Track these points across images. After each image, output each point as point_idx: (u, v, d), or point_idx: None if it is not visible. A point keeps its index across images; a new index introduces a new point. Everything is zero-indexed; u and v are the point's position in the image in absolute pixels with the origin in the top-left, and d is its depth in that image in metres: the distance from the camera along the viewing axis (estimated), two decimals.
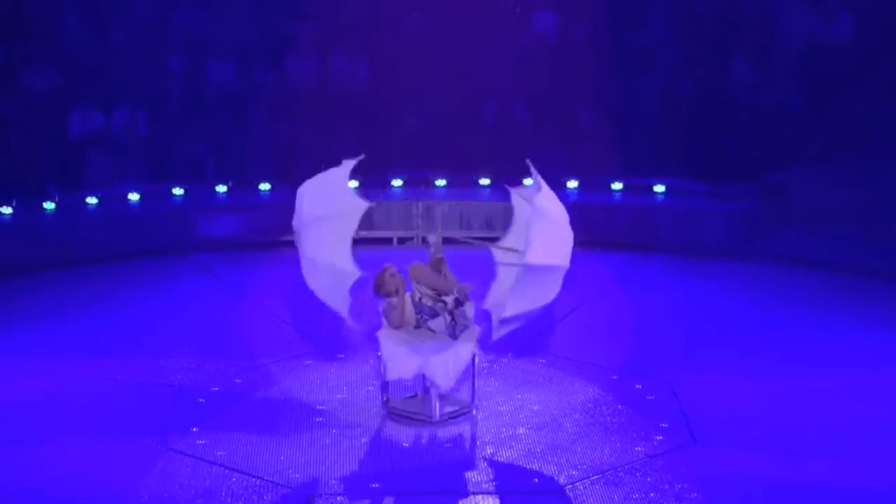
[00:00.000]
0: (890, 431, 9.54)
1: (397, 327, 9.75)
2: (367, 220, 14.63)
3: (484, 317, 10.08)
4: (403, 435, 9.51)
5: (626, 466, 8.98)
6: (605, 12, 16.28)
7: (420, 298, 9.68)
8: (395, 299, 9.73)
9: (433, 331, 9.69)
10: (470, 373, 9.79)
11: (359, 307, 9.97)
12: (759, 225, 14.69)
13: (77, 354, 11.12)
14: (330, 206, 9.77)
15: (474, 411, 9.83)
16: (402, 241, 15.03)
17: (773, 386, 10.40)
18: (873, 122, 15.26)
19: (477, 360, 9.81)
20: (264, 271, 13.73)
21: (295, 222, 9.79)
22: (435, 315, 9.66)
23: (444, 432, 9.55)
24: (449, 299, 9.65)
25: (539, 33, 16.59)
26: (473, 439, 9.48)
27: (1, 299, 12.77)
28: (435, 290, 9.68)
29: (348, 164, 9.87)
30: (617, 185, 15.54)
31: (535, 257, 9.24)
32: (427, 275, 9.70)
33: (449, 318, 9.65)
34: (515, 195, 10.22)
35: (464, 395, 9.92)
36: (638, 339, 11.54)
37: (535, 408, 9.98)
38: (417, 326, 9.75)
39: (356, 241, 9.98)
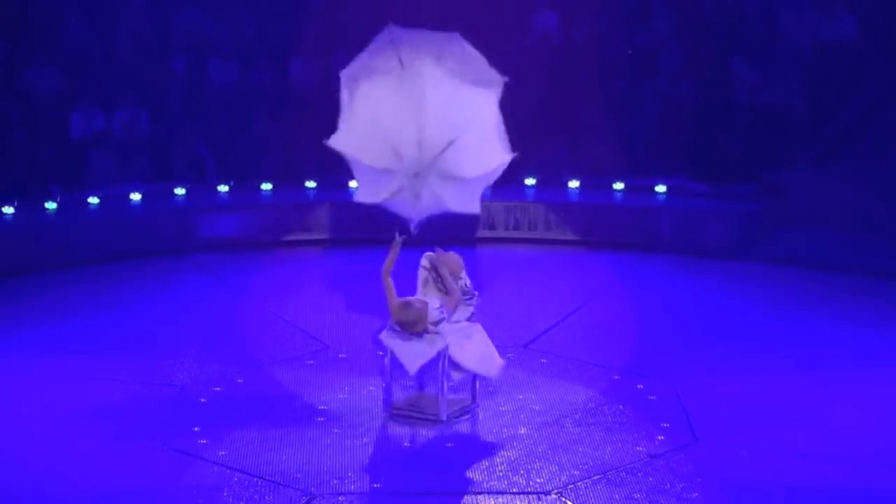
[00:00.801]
0: (892, 431, 9.54)
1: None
2: (366, 222, 14.77)
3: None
4: (405, 435, 9.52)
5: (627, 466, 8.98)
6: (607, 13, 16.30)
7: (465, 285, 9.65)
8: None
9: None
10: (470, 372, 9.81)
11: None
12: (761, 225, 14.71)
13: (78, 355, 11.13)
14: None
15: (479, 414, 9.85)
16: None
17: (774, 386, 10.40)
18: (874, 123, 15.28)
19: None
20: (266, 271, 13.75)
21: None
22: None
23: (446, 432, 9.56)
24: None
25: (540, 33, 16.60)
26: (475, 439, 9.49)
27: (2, 299, 12.78)
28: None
29: None
30: (618, 186, 15.55)
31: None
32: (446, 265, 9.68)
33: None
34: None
35: (465, 394, 9.94)
36: (639, 339, 11.55)
37: (537, 407, 9.98)
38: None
39: (358, 242, 9.94)
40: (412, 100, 9.24)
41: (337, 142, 9.36)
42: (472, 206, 9.54)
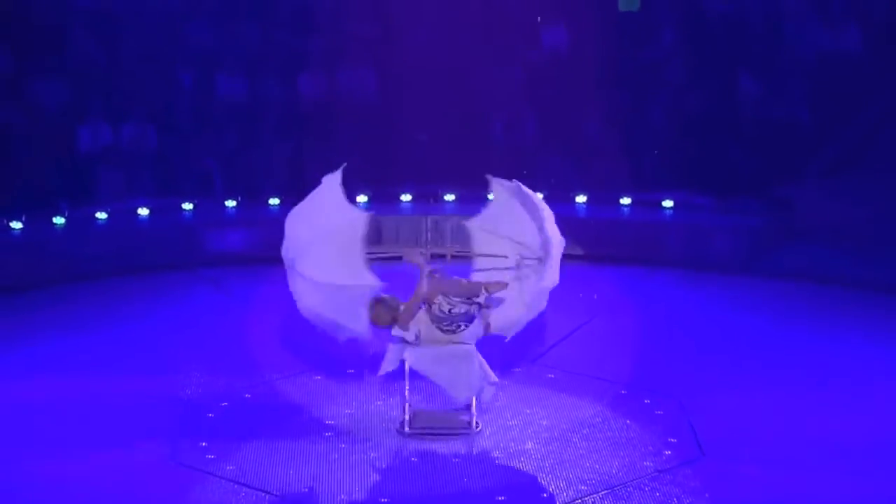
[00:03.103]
0: None
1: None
2: (375, 237, 14.79)
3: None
4: (412, 450, 9.52)
5: (634, 481, 8.98)
6: (613, 27, 16.32)
7: (450, 310, 9.53)
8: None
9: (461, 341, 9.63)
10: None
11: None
12: (767, 239, 14.70)
13: (86, 369, 11.14)
14: (328, 224, 9.54)
15: (478, 426, 9.84)
16: None
17: (781, 400, 10.40)
18: (881, 137, 15.27)
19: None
20: (273, 286, 13.68)
21: (287, 252, 9.61)
22: (471, 320, 9.58)
23: (453, 447, 9.55)
24: (482, 299, 9.56)
25: (547, 48, 16.62)
26: (482, 454, 9.48)
27: (10, 314, 12.80)
28: (467, 295, 9.56)
29: (333, 178, 9.66)
30: (625, 200, 15.56)
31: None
32: (454, 285, 9.57)
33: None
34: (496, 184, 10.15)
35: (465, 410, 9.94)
36: (646, 354, 11.55)
37: (544, 422, 9.98)
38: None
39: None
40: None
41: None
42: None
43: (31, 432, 9.78)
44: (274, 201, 15.60)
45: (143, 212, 15.19)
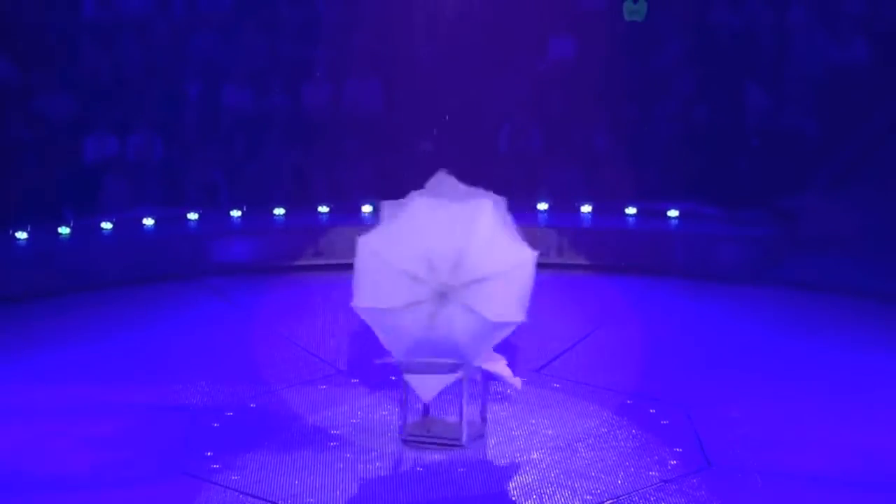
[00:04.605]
0: None
1: None
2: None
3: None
4: (418, 459, 9.51)
5: (640, 491, 8.97)
6: (620, 37, 16.33)
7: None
8: None
9: None
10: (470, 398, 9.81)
11: None
12: (773, 250, 14.69)
13: (91, 379, 11.14)
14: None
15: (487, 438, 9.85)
16: None
17: (787, 410, 10.39)
18: (887, 147, 15.27)
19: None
20: (278, 295, 13.76)
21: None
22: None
23: (458, 456, 9.55)
24: None
25: (553, 58, 16.63)
26: (487, 464, 9.47)
27: (16, 324, 12.80)
28: None
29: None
30: (631, 210, 15.54)
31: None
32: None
33: None
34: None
35: (476, 418, 9.94)
36: (652, 364, 11.54)
37: (549, 432, 9.97)
38: None
39: None
40: (464, 223, 9.51)
41: (369, 240, 9.53)
42: (475, 355, 9.57)
43: (35, 441, 9.78)
44: (279, 211, 15.59)
45: (149, 221, 15.18)
